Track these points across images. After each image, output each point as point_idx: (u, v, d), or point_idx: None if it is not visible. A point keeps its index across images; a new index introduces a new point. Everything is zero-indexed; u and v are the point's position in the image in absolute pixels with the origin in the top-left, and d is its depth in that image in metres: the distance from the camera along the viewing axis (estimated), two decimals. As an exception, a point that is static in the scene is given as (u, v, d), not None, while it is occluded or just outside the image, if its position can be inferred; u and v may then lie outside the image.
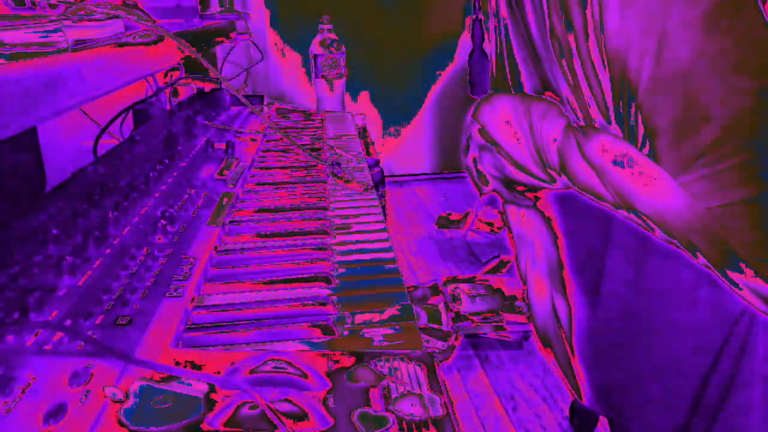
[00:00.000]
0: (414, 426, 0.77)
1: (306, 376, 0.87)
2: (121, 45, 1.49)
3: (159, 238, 1.34)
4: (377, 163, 2.11)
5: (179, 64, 2.63)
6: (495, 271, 3.91)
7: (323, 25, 4.55)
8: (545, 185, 2.68)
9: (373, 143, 2.51)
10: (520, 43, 2.82)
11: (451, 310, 3.35)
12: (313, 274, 1.24)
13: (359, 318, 1.07)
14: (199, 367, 0.89)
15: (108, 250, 1.24)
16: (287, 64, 5.76)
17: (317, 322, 1.05)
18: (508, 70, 2.99)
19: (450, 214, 4.98)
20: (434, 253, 4.48)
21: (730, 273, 1.71)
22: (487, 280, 3.60)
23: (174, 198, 1.60)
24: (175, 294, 1.12)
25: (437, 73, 6.03)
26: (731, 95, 1.69)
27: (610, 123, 2.18)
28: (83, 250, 1.19)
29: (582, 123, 2.37)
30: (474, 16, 4.10)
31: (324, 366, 0.90)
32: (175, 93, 2.81)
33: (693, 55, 1.77)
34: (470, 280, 3.63)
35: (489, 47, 3.68)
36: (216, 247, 1.35)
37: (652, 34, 1.88)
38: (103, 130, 1.93)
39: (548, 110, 2.58)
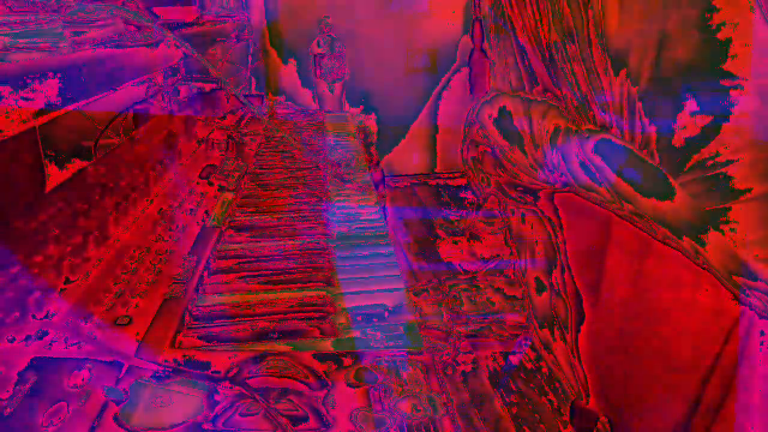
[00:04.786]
0: (414, 426, 0.77)
1: (306, 376, 0.87)
2: (121, 45, 1.49)
3: (159, 238, 1.35)
4: (377, 163, 2.11)
5: (179, 64, 2.63)
6: (495, 270, 3.92)
7: (324, 26, 4.56)
8: (545, 185, 2.69)
9: (373, 143, 2.51)
10: (521, 44, 2.82)
11: (451, 310, 3.35)
12: (312, 275, 1.24)
13: (359, 318, 1.07)
14: (199, 367, 0.89)
15: (108, 250, 1.24)
16: (287, 64, 5.77)
17: (317, 322, 1.05)
18: (508, 71, 2.99)
19: (450, 215, 4.99)
20: (434, 252, 4.48)
21: (736, 278, 1.71)
22: (487, 280, 3.60)
23: (174, 198, 1.60)
24: (174, 294, 1.12)
25: (438, 73, 6.03)
26: (731, 95, 1.69)
27: (610, 123, 2.19)
28: (83, 250, 1.19)
29: (582, 123, 2.38)
30: (474, 17, 4.11)
31: (324, 366, 0.90)
32: (176, 93, 2.81)
33: (693, 55, 1.77)
34: (471, 280, 3.63)
35: (489, 48, 3.69)
36: (216, 247, 1.35)
37: (652, 34, 1.88)
38: (103, 130, 1.93)
39: (548, 110, 2.58)
